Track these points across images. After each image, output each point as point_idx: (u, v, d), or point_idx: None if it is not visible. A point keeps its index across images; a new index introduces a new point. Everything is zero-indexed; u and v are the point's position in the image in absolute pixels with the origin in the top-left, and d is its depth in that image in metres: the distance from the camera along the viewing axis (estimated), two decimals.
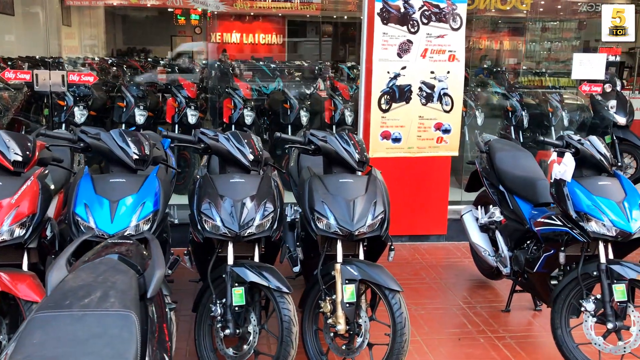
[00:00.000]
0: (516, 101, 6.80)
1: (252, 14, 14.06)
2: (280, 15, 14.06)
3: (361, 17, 5.25)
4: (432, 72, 5.09)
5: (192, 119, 6.08)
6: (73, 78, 5.32)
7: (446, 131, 5.20)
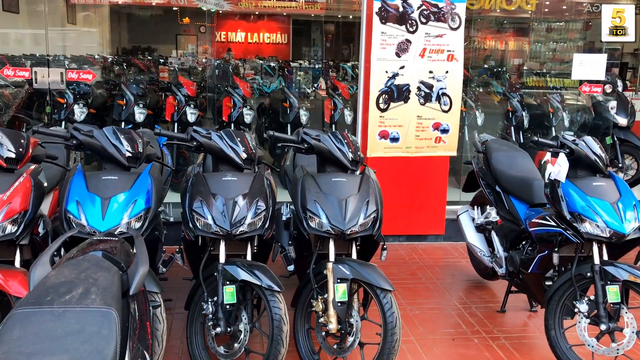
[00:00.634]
0: (517, 102, 6.78)
1: (257, 13, 14.08)
2: (285, 14, 14.08)
3: None
4: (430, 72, 5.08)
5: (191, 118, 6.09)
6: (72, 76, 5.35)
7: (444, 131, 5.19)
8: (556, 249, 3.35)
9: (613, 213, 3.14)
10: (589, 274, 3.21)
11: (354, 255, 3.24)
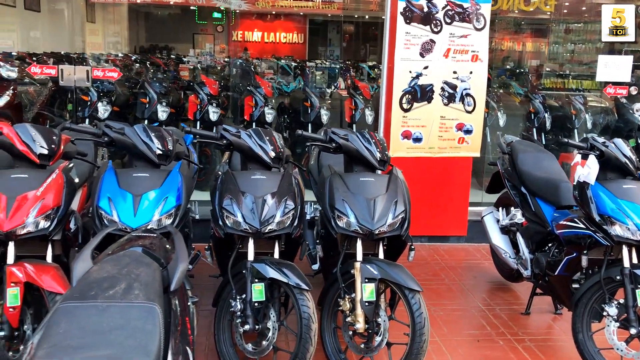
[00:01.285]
0: (539, 103, 6.73)
1: (274, 12, 14.12)
2: (302, 14, 14.10)
3: (382, 17, 5.24)
4: (454, 72, 5.06)
5: (213, 116, 6.11)
6: (97, 74, 5.39)
7: (468, 132, 5.17)
8: (585, 252, 3.32)
9: None
10: (618, 277, 3.18)
11: (381, 255, 3.23)
